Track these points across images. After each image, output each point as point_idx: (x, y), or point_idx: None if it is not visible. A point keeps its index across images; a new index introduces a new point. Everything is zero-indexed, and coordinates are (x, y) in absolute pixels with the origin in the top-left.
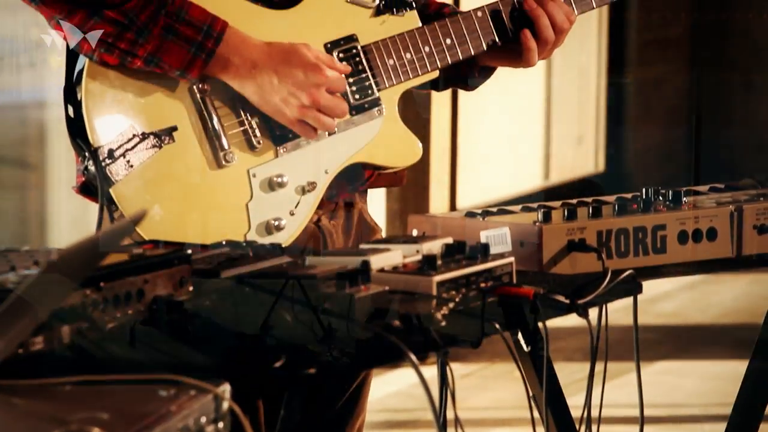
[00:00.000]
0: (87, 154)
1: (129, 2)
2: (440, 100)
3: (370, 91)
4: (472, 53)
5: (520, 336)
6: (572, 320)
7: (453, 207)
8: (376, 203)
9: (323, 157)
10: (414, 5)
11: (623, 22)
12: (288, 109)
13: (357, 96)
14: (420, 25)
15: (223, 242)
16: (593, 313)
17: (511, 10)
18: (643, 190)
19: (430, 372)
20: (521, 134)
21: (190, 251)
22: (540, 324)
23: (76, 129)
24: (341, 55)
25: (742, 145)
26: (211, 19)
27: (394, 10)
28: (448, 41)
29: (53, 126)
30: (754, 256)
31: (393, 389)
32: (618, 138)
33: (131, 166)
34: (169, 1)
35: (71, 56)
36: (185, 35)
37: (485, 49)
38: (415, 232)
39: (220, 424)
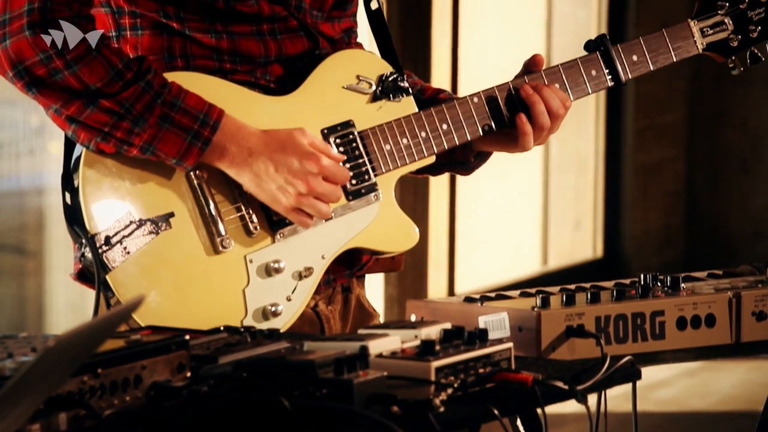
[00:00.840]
0: (84, 241)
1: (125, 91)
2: (438, 185)
3: (366, 177)
4: (469, 138)
5: (518, 422)
6: (571, 406)
7: (451, 292)
8: (374, 288)
9: (320, 243)
10: (410, 91)
11: (620, 108)
12: (284, 198)
13: (354, 181)
14: (416, 110)
15: (221, 328)
16: (592, 399)
17: (506, 95)
18: (641, 275)
19: None
20: (519, 219)
21: (187, 337)
22: (539, 410)
23: (73, 216)
24: (338, 140)
25: (740, 232)
26: (207, 108)
27: (391, 95)
28: (445, 126)
29: (52, 213)
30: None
31: None
32: (616, 223)
33: (128, 252)
34: (166, 90)
35: (69, 144)
36: (181, 124)
37: (481, 134)
38: (413, 317)
39: None
